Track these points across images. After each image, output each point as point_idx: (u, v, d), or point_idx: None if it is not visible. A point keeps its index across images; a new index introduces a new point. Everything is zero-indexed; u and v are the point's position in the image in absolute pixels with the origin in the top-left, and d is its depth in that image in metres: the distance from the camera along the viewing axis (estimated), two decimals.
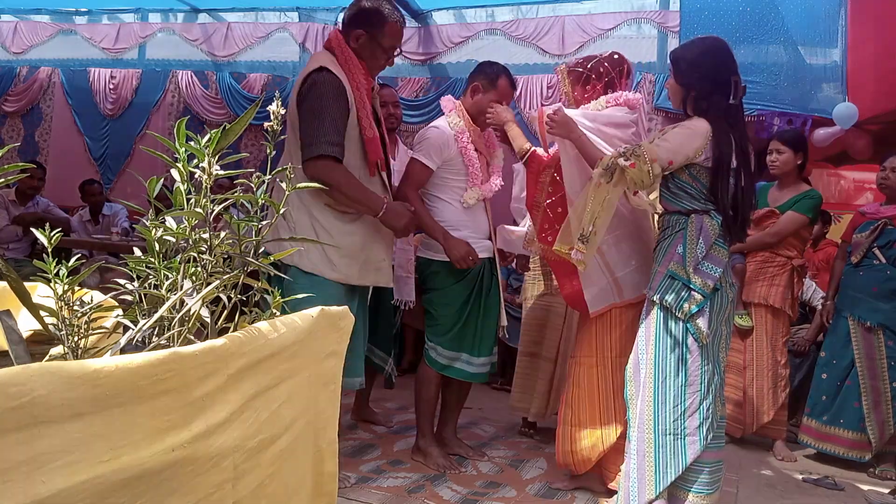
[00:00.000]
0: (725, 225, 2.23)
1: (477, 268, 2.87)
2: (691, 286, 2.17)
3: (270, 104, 1.16)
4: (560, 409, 2.67)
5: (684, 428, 2.17)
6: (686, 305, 2.16)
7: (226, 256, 1.08)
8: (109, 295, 1.08)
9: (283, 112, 1.15)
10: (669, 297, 2.18)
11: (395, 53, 2.49)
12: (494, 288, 2.96)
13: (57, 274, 0.97)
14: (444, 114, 2.91)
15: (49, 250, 0.98)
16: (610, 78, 2.71)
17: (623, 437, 2.42)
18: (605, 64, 2.71)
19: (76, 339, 0.98)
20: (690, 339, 2.17)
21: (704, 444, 2.17)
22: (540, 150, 2.68)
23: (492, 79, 2.86)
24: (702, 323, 2.16)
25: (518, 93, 5.19)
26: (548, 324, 3.51)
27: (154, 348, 0.96)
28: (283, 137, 2.46)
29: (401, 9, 2.54)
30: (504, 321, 3.02)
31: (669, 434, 2.17)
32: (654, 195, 2.82)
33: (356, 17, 2.41)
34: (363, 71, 2.40)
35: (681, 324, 2.18)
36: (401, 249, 3.36)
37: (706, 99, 2.23)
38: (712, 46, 2.30)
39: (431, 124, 2.92)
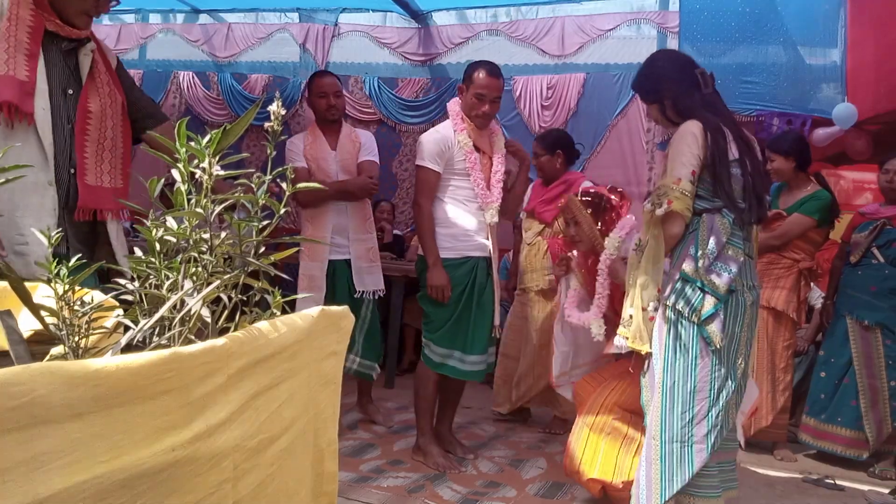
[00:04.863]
0: (739, 220, 2.12)
1: (470, 265, 2.91)
2: (705, 288, 2.07)
3: (271, 104, 1.16)
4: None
5: (692, 435, 2.09)
6: (699, 309, 2.06)
7: (226, 256, 1.08)
8: (110, 295, 1.08)
9: (283, 112, 1.15)
10: (681, 301, 2.08)
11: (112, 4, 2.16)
12: (489, 286, 2.98)
13: (57, 274, 0.97)
14: (447, 115, 3.03)
15: (50, 251, 0.99)
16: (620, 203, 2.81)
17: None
18: (612, 195, 2.82)
19: (77, 338, 0.98)
20: (702, 344, 2.07)
21: (712, 452, 2.11)
22: None
23: (468, 75, 2.93)
24: (716, 327, 2.06)
25: (518, 93, 5.19)
26: (521, 326, 3.70)
27: (154, 348, 0.97)
28: (283, 138, 2.45)
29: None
30: (498, 321, 3.04)
31: (677, 441, 2.09)
32: None
33: None
34: (35, 9, 1.95)
35: (692, 327, 2.08)
36: (359, 240, 3.33)
37: (681, 100, 2.20)
38: (661, 56, 2.39)
39: (431, 130, 3.00)
